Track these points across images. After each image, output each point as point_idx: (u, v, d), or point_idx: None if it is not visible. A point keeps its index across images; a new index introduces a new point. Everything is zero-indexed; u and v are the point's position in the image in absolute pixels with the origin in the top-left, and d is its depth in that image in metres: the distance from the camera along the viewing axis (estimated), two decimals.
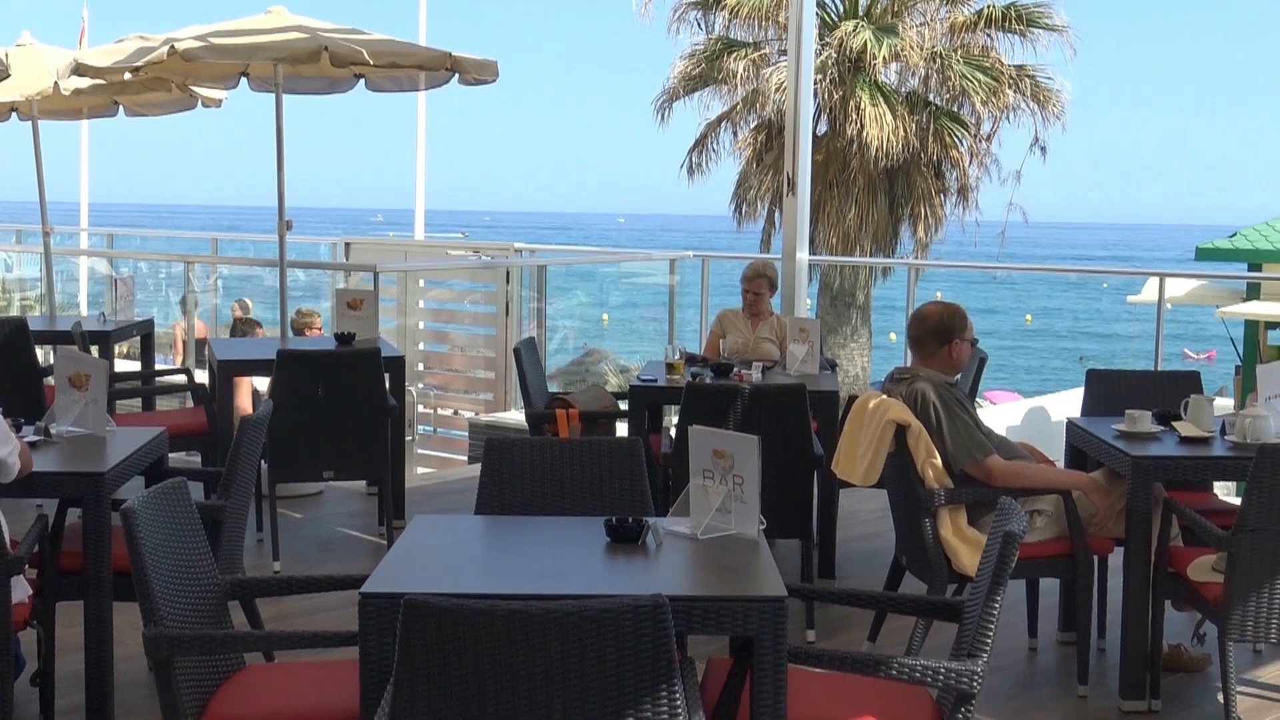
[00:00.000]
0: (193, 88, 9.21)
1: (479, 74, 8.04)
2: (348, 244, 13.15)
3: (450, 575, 3.62)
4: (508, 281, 10.98)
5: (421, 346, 11.88)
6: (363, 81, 8.58)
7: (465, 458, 10.76)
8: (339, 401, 6.95)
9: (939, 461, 5.11)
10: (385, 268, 10.57)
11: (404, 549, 3.75)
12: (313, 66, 7.92)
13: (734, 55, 18.92)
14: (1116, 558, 5.27)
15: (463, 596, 2.93)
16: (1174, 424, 5.41)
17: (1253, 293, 16.78)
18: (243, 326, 12.34)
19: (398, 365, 7.63)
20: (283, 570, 6.71)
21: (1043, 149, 19.09)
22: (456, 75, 8.06)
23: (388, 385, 7.24)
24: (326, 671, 3.86)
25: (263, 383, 8.20)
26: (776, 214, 18.23)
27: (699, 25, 19.70)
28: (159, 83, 8.88)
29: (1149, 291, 17.18)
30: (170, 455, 5.58)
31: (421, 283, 11.84)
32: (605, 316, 16.36)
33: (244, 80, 8.64)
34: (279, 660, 4.41)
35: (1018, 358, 47.42)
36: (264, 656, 4.50)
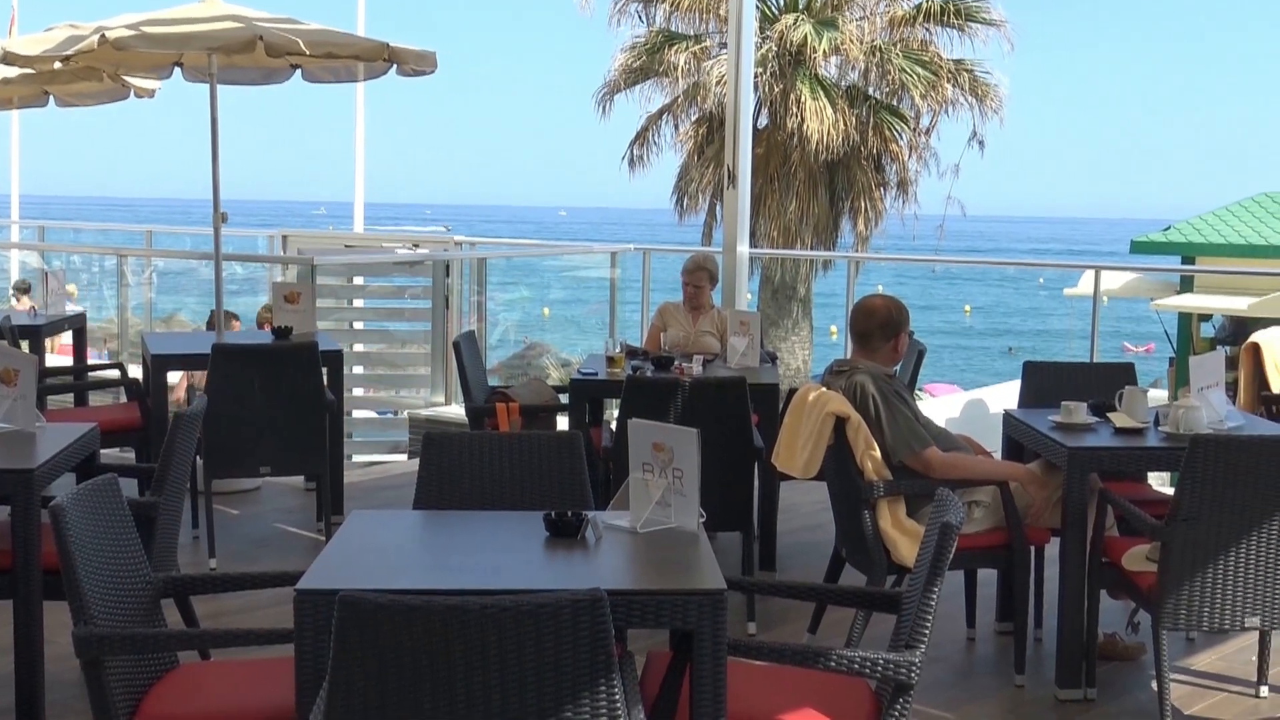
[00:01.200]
0: (125, 77, 9.07)
1: (417, 65, 7.98)
2: (285, 237, 13.03)
3: (387, 571, 3.59)
4: (447, 275, 10.91)
5: (360, 343, 11.79)
6: (299, 72, 8.49)
7: (405, 453, 10.70)
8: (276, 396, 6.89)
9: (878, 453, 5.13)
10: (323, 260, 10.48)
11: (340, 545, 3.71)
12: (248, 56, 7.83)
13: (675, 48, 18.92)
14: (1053, 548, 5.31)
15: (399, 592, 2.90)
16: (1109, 415, 5.45)
17: (1186, 285, 16.99)
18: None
19: (335, 359, 7.57)
20: (219, 567, 6.64)
21: (981, 143, 19.23)
22: (395, 66, 8.00)
23: (326, 379, 7.18)
24: (262, 670, 3.82)
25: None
26: (718, 207, 18.25)
27: (640, 18, 19.70)
28: (90, 72, 8.74)
29: (1085, 285, 17.33)
30: (103, 451, 5.50)
31: (360, 278, 11.75)
32: (546, 310, 16.33)
33: (178, 70, 8.53)
34: (215, 659, 4.36)
35: (957, 350, 47.78)
36: (199, 655, 4.45)
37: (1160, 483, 8.54)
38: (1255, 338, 7.50)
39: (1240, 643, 5.59)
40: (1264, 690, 5.15)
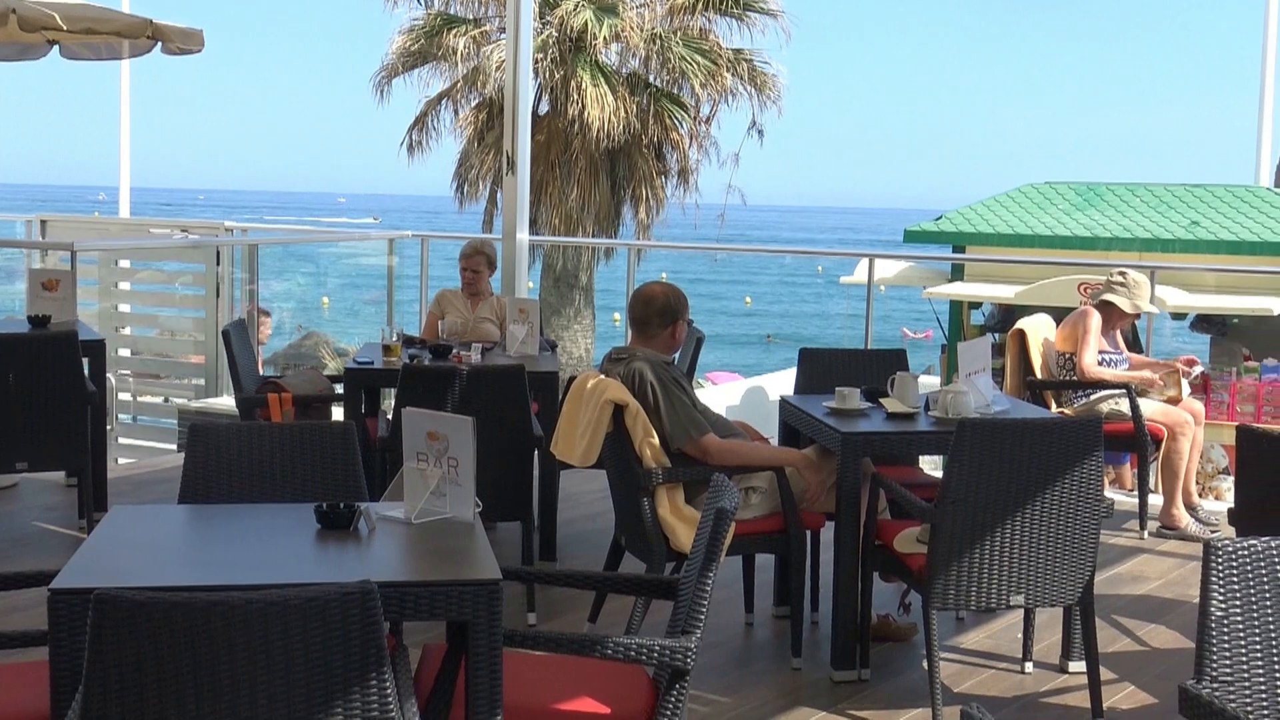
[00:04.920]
0: None
1: (183, 43, 7.72)
2: (44, 221, 12.46)
3: (148, 568, 3.45)
4: (218, 262, 10.58)
5: (127, 330, 11.37)
6: (57, 48, 8.13)
7: (175, 446, 10.35)
8: (33, 388, 6.58)
9: (656, 440, 5.13)
10: (83, 246, 10.05)
11: (99, 542, 3.56)
12: (1, 31, 7.45)
13: (454, 31, 18.73)
14: (828, 532, 5.38)
15: (159, 589, 2.79)
16: (881, 401, 5.56)
17: (957, 274, 17.50)
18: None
19: (97, 349, 7.27)
20: None
21: (760, 132, 19.50)
22: (159, 44, 7.72)
23: (87, 371, 6.89)
24: (17, 674, 3.63)
25: None
26: (499, 194, 18.14)
27: (418, 0, 19.44)
28: None
29: (860, 273, 17.75)
30: None
31: (126, 263, 11.32)
32: (326, 299, 16.02)
33: None
34: None
35: (738, 338, 48.52)
36: None
37: (932, 466, 8.78)
38: (1020, 324, 7.75)
39: (1007, 621, 5.77)
40: (1029, 666, 5.32)
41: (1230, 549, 3.06)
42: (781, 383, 12.61)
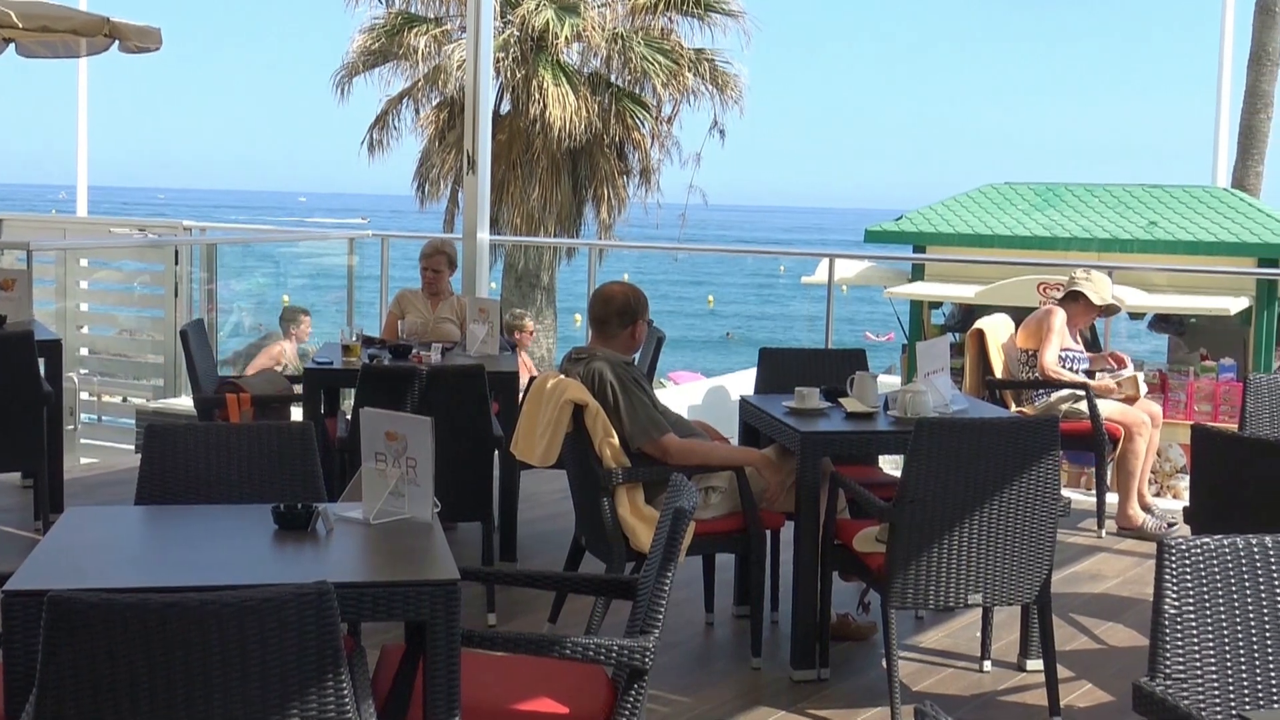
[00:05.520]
0: None
1: (141, 41, 7.68)
2: (0, 220, 12.37)
3: (103, 569, 3.43)
4: (176, 261, 10.52)
5: (85, 330, 11.28)
6: (13, 46, 8.07)
7: (133, 446, 10.28)
8: None
9: (616, 440, 5.13)
10: (40, 245, 9.98)
11: (54, 543, 3.54)
12: None
13: (415, 30, 18.67)
14: (788, 532, 5.40)
15: (114, 591, 2.77)
16: (840, 400, 5.57)
17: (917, 274, 17.53)
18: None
19: (54, 349, 7.21)
20: None
21: (721, 132, 19.51)
22: (117, 42, 7.67)
23: (43, 370, 6.83)
24: None
25: None
26: (460, 193, 18.09)
27: None
28: None
29: (821, 273, 17.77)
30: None
31: (84, 262, 11.24)
32: (286, 298, 15.91)
33: None
34: None
35: (701, 338, 48.56)
36: None
37: (892, 465, 8.80)
38: (979, 324, 7.78)
39: (966, 619, 5.79)
40: (987, 665, 5.34)
41: (1183, 547, 3.08)
42: (743, 382, 12.62)
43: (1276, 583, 3.11)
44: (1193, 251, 15.98)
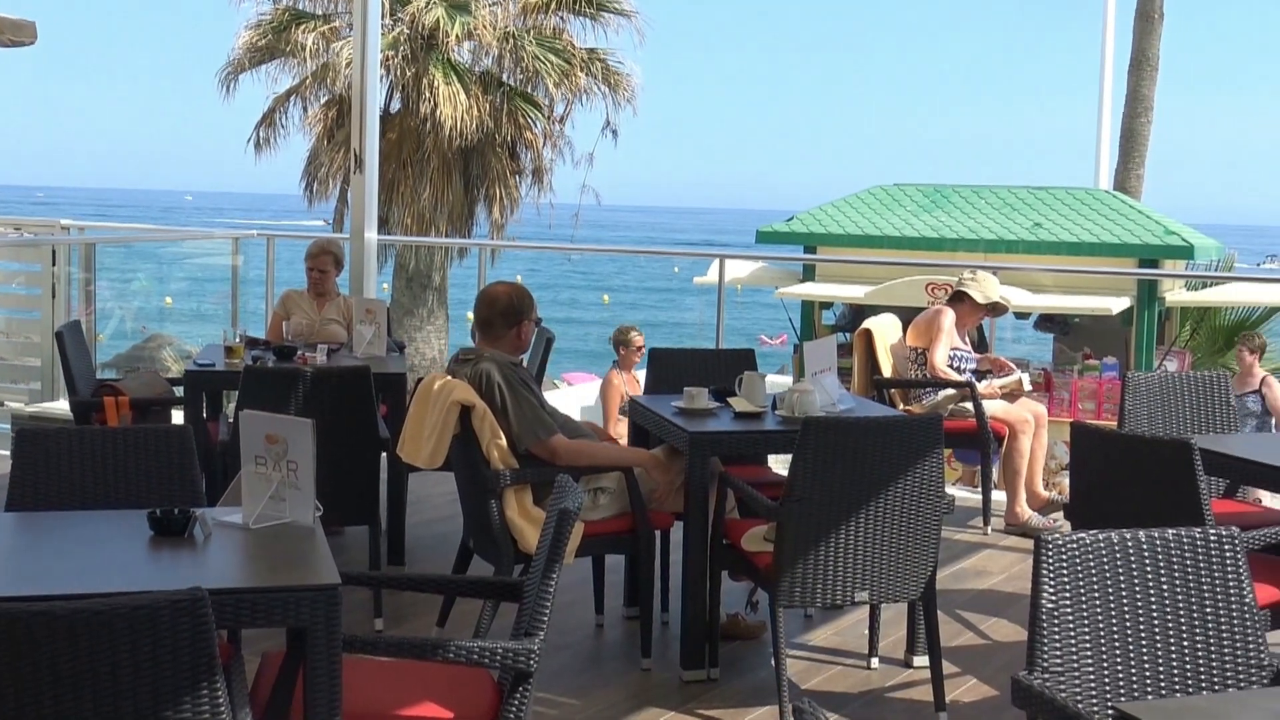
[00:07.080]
0: None
1: (14, 35, 7.49)
2: None
3: None
4: (54, 261, 10.28)
5: None
6: None
7: (7, 452, 10.03)
8: None
9: (504, 442, 5.09)
10: None
11: None
12: None
13: (303, 27, 18.41)
14: (677, 532, 5.39)
15: None
16: (729, 400, 5.58)
17: (809, 274, 17.66)
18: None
19: None
20: None
21: (614, 132, 19.47)
22: None
23: None
24: None
25: None
26: (349, 192, 17.88)
27: None
28: None
29: (714, 273, 17.83)
30: None
31: None
32: (169, 299, 15.63)
33: None
34: None
35: (595, 339, 48.49)
36: None
37: (782, 465, 8.84)
38: (867, 324, 7.85)
39: (854, 617, 5.83)
40: (875, 662, 5.38)
41: (1060, 543, 3.12)
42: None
43: (1150, 577, 3.16)
44: (1076, 252, 16.28)
